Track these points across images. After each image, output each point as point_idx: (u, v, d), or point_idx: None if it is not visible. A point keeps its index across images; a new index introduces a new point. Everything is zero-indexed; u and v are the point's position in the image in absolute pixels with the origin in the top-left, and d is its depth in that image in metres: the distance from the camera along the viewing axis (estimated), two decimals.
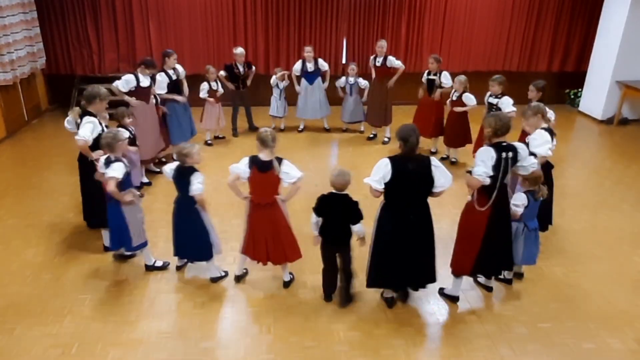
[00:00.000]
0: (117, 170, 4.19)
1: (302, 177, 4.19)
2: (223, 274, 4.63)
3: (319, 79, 8.30)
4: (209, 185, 4.37)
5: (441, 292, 4.43)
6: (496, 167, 3.86)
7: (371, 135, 8.29)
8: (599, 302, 4.37)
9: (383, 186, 3.83)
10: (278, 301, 4.32)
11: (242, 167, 4.13)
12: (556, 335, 3.97)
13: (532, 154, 4.35)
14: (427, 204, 3.98)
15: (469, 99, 6.88)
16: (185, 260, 4.75)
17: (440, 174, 3.84)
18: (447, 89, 7.14)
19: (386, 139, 8.10)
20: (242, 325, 4.05)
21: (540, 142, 4.62)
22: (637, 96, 9.06)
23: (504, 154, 3.87)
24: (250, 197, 4.25)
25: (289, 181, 4.14)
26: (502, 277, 4.55)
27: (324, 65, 8.27)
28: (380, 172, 3.80)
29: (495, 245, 4.08)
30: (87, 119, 4.77)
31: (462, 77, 6.98)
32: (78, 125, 4.81)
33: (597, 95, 9.55)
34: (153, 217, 5.36)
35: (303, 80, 8.32)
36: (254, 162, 4.11)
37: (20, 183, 6.56)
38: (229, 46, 9.56)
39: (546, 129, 4.71)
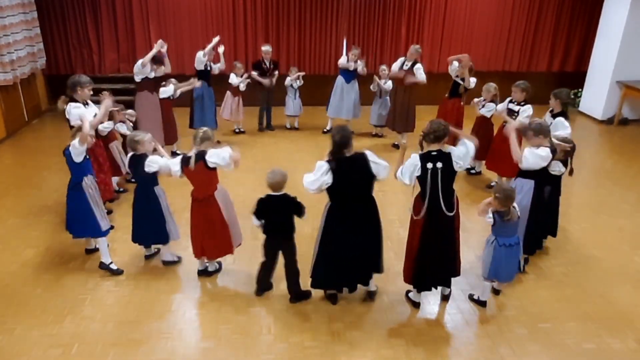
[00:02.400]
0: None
1: (228, 155, 4.13)
2: (176, 259, 4.81)
3: (355, 80, 8.25)
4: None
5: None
6: (422, 177, 3.80)
7: (396, 142, 7.89)
8: (599, 302, 4.37)
9: (321, 190, 3.83)
10: (278, 301, 4.32)
11: (175, 163, 4.25)
12: (556, 335, 3.97)
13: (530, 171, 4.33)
14: (372, 197, 3.99)
15: (488, 108, 6.46)
16: (154, 250, 4.88)
17: (378, 167, 3.83)
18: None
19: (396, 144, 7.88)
20: (242, 325, 4.04)
21: (536, 158, 4.32)
22: (637, 96, 9.06)
23: (429, 165, 3.77)
24: (192, 193, 4.37)
25: (221, 164, 4.14)
26: (475, 297, 4.35)
27: (363, 70, 8.13)
28: (319, 178, 3.77)
29: (429, 255, 3.98)
30: (72, 105, 5.00)
31: (491, 85, 6.44)
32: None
33: (597, 95, 9.55)
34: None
35: (340, 78, 8.25)
36: (182, 159, 4.23)
37: (20, 183, 6.56)
38: (229, 46, 9.57)
39: (550, 149, 4.36)
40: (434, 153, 3.82)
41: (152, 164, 4.37)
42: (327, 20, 9.67)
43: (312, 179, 3.80)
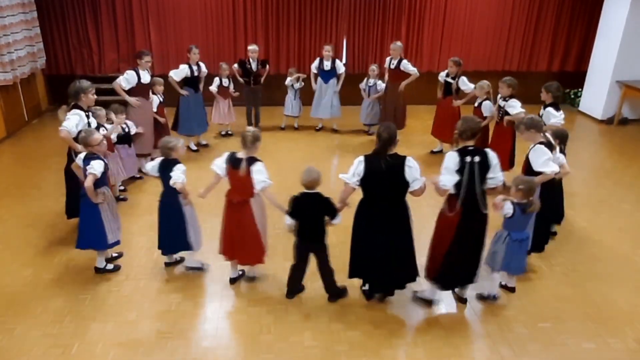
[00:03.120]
0: (96, 167, 4.23)
1: (269, 185, 4.13)
2: (201, 265, 4.70)
3: (334, 79, 8.30)
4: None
5: (414, 295, 4.36)
6: (460, 172, 3.80)
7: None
8: (599, 302, 4.37)
9: (356, 182, 3.86)
10: (278, 301, 4.32)
11: (219, 162, 4.18)
12: (556, 335, 3.97)
13: (539, 173, 4.36)
14: (406, 203, 3.95)
15: (486, 107, 6.52)
16: (175, 258, 4.78)
17: (413, 174, 3.79)
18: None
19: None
20: (242, 325, 4.04)
21: (542, 160, 4.39)
22: (637, 96, 9.06)
23: (467, 158, 3.79)
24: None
25: (257, 186, 4.11)
26: (485, 294, 4.38)
27: (340, 67, 8.25)
28: (353, 169, 3.84)
29: (462, 253, 3.98)
30: (73, 111, 4.85)
31: (485, 83, 6.52)
32: None
33: (597, 95, 9.55)
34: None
35: (319, 79, 8.33)
36: (230, 158, 4.16)
37: (20, 183, 6.56)
38: (228, 46, 9.59)
39: (545, 143, 4.47)
40: (471, 148, 3.86)
41: (182, 174, 4.33)
42: (327, 20, 9.67)
43: (350, 168, 3.86)
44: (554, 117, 5.43)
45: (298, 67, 9.70)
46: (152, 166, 4.48)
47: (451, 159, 3.84)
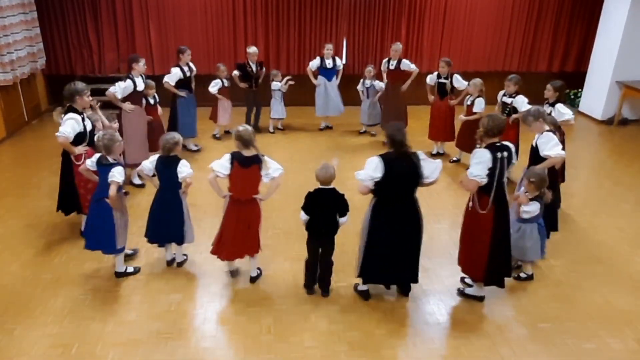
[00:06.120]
0: (119, 175, 4.20)
1: (283, 172, 4.27)
2: (185, 257, 4.80)
3: (336, 76, 8.33)
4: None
5: (461, 292, 4.42)
6: (492, 168, 3.86)
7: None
8: (599, 302, 4.37)
9: (372, 183, 3.87)
10: (278, 301, 4.32)
11: (223, 163, 4.17)
12: (556, 335, 3.97)
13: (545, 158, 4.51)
14: (416, 198, 4.03)
15: (479, 104, 6.67)
16: (174, 255, 4.79)
17: (429, 166, 3.90)
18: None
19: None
20: (242, 325, 4.04)
21: (551, 145, 4.57)
22: (637, 96, 9.06)
23: (499, 154, 3.87)
24: (230, 193, 4.28)
25: (271, 175, 4.19)
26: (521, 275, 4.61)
27: (339, 63, 8.29)
28: (371, 170, 3.85)
29: (502, 247, 4.07)
30: (69, 115, 4.79)
31: (478, 81, 6.72)
32: None
33: (597, 96, 9.54)
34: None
35: (321, 78, 8.30)
36: (236, 158, 4.15)
37: (20, 183, 6.56)
38: (229, 46, 9.59)
39: (551, 132, 4.67)
40: (498, 144, 3.92)
41: (188, 169, 4.40)
42: (327, 20, 9.66)
43: (366, 168, 3.87)
44: (567, 114, 5.54)
45: (298, 68, 9.71)
46: (150, 162, 4.43)
47: (483, 155, 3.87)
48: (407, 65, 7.69)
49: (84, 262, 4.81)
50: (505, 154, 3.90)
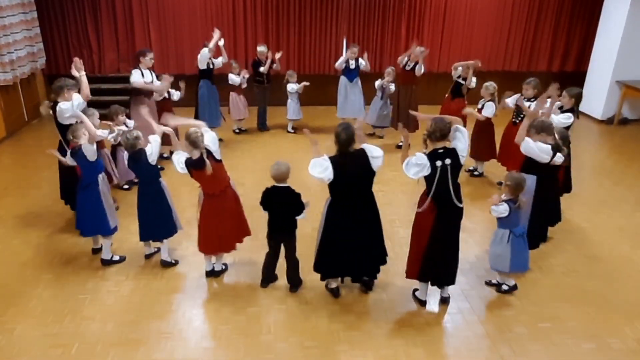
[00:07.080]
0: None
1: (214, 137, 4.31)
2: (174, 262, 4.79)
3: (358, 77, 8.25)
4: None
5: (413, 293, 4.40)
6: (431, 175, 3.83)
7: (400, 143, 7.71)
8: (599, 302, 4.37)
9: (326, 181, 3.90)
10: (278, 301, 4.32)
11: (178, 164, 4.18)
12: (556, 335, 3.97)
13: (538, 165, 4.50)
14: (372, 192, 4.07)
15: (488, 108, 6.49)
16: (154, 250, 4.87)
17: (376, 160, 3.90)
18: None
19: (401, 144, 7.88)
20: (242, 325, 4.04)
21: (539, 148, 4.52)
22: (637, 96, 9.06)
23: (438, 162, 3.81)
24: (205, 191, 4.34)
25: (211, 148, 4.19)
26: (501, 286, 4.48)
27: (363, 64, 8.18)
28: (318, 173, 3.86)
29: (440, 249, 4.00)
30: (61, 104, 4.99)
31: (490, 85, 6.53)
32: (55, 115, 5.10)
33: (597, 95, 9.54)
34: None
35: (343, 78, 8.25)
36: (188, 164, 4.14)
37: (20, 183, 6.56)
38: (228, 46, 9.56)
39: (552, 146, 4.53)
40: (441, 150, 3.86)
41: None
42: (327, 20, 9.66)
43: (317, 170, 3.88)
44: (567, 120, 5.42)
45: (298, 68, 9.70)
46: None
47: (421, 160, 3.85)
48: (419, 69, 7.52)
49: (84, 262, 4.81)
50: (448, 161, 3.82)
